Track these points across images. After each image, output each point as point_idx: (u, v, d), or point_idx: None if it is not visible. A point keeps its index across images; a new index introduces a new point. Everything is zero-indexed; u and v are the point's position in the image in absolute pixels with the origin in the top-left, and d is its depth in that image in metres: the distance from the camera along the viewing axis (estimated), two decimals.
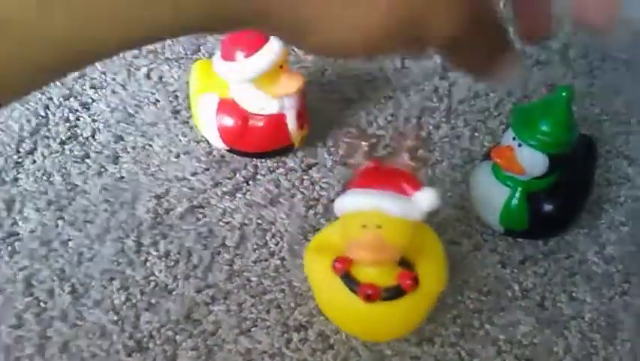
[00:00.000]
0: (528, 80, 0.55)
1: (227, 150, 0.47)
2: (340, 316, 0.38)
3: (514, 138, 0.40)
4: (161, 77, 0.53)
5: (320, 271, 0.37)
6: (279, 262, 0.42)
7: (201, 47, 0.55)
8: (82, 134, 0.49)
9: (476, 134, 0.51)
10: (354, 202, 0.34)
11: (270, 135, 0.46)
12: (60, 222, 0.44)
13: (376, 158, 0.36)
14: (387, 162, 0.36)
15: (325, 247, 0.37)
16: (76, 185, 0.46)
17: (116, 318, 0.39)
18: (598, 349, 0.40)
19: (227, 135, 0.46)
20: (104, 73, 0.53)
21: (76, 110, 0.51)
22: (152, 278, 0.41)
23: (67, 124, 0.49)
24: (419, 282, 0.35)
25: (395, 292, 0.35)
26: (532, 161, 0.40)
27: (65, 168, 0.47)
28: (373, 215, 0.33)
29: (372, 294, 0.34)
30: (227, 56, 0.43)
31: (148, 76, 0.53)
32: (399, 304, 0.35)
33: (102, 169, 0.47)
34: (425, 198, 0.34)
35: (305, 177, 0.47)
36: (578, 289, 0.42)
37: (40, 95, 0.51)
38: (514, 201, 0.41)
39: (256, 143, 0.46)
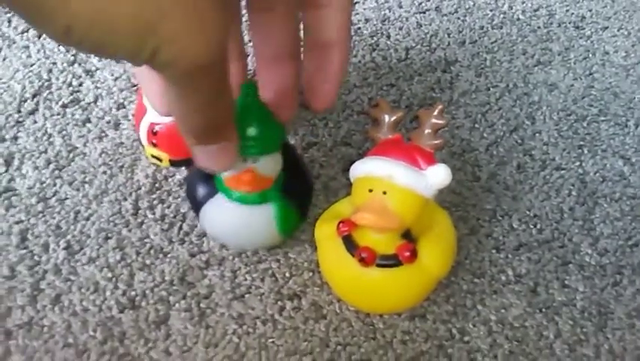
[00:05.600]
0: (528, 78, 0.56)
1: None
2: (336, 279, 0.38)
3: (245, 160, 0.36)
4: None
5: (325, 233, 0.37)
6: None
7: None
8: (84, 100, 0.49)
9: (476, 125, 0.51)
10: (366, 167, 0.35)
11: None
12: (58, 181, 0.43)
13: (399, 133, 0.37)
14: (409, 136, 0.36)
15: (336, 215, 0.38)
16: (76, 147, 0.46)
17: (110, 275, 0.39)
18: (588, 336, 0.40)
19: None
20: None
21: (80, 77, 0.51)
22: (147, 240, 0.41)
23: (70, 88, 0.49)
24: (417, 256, 0.35)
25: (391, 261, 0.35)
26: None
27: (66, 131, 0.47)
28: (381, 181, 0.34)
29: (366, 257, 0.34)
30: None
31: None
32: (393, 274, 0.35)
33: (103, 134, 0.47)
34: (436, 174, 0.34)
35: (305, 154, 0.47)
36: (571, 277, 0.42)
37: (44, 60, 0.51)
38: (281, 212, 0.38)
39: None
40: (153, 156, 0.44)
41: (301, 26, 0.33)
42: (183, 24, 0.22)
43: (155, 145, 0.43)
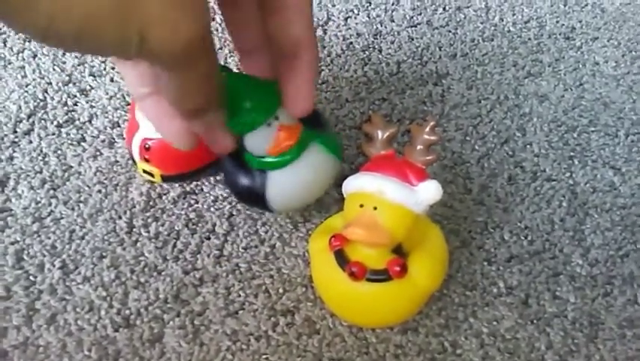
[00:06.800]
0: (519, 89, 0.56)
1: None
2: (328, 293, 0.38)
3: (269, 125, 0.37)
4: None
5: (317, 247, 0.38)
6: (268, 249, 0.43)
7: None
8: (79, 119, 0.49)
9: (467, 138, 0.52)
10: (357, 183, 0.36)
11: None
12: (53, 201, 0.44)
13: (392, 148, 0.37)
14: (402, 152, 0.37)
15: (329, 230, 0.38)
16: (71, 166, 0.46)
17: (104, 294, 0.39)
18: (580, 347, 0.40)
19: None
20: (103, 62, 0.54)
21: (75, 96, 0.51)
22: (141, 258, 0.41)
23: (65, 108, 0.50)
24: (407, 271, 0.36)
25: (381, 276, 0.35)
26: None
27: (61, 150, 0.47)
28: (372, 197, 0.34)
29: (357, 272, 0.35)
30: None
31: None
32: (383, 288, 0.36)
33: (97, 153, 0.47)
34: (427, 190, 0.35)
35: None
36: (562, 288, 0.43)
37: (39, 80, 0.52)
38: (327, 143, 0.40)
39: None
40: (145, 172, 0.44)
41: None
42: (165, 4, 0.22)
43: (147, 160, 0.43)
